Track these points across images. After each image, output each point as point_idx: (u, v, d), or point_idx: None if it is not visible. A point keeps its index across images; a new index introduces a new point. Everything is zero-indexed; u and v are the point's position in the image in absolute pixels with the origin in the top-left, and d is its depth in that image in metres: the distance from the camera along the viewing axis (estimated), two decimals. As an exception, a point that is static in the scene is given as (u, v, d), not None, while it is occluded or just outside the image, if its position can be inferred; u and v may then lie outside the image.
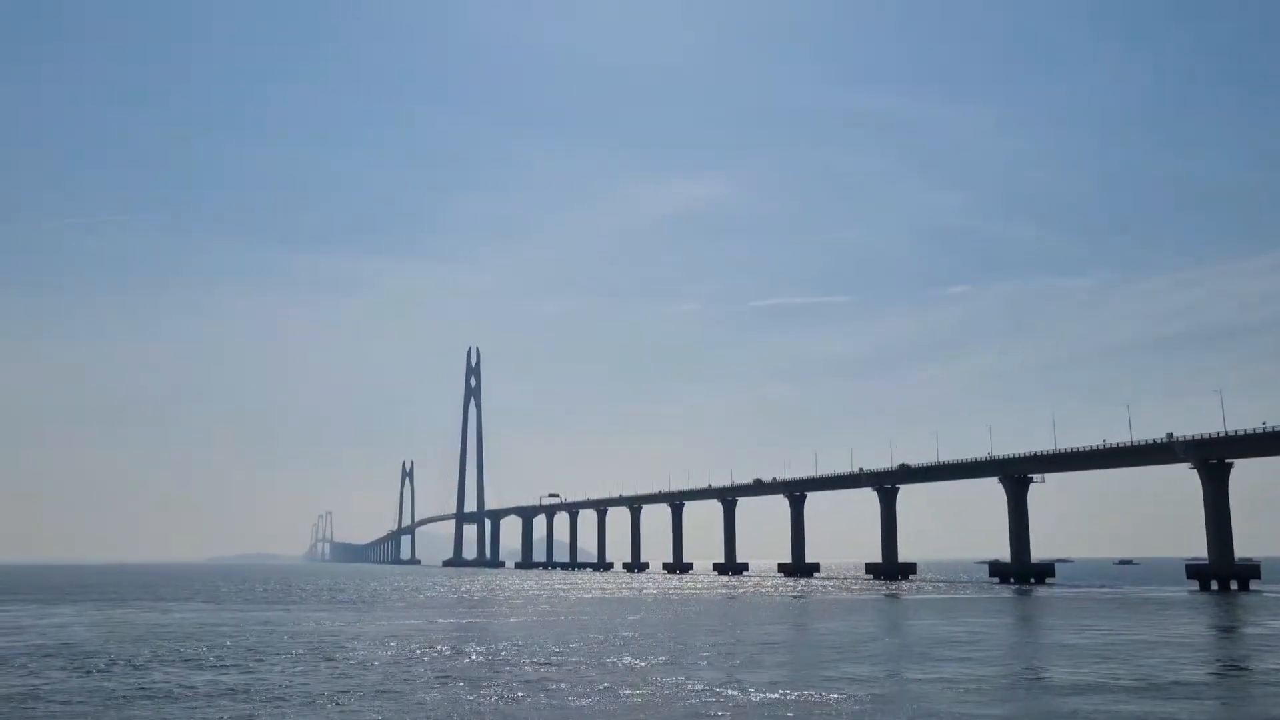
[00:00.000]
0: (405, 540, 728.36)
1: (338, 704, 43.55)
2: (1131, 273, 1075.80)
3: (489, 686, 48.54)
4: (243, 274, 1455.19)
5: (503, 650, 66.64)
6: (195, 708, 42.71)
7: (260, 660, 61.12)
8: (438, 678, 52.13)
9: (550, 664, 58.20)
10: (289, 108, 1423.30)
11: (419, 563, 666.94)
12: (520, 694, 45.92)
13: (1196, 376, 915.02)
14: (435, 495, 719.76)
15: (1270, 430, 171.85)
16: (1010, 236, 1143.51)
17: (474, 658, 62.13)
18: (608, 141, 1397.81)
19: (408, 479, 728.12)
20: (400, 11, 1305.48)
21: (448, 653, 65.23)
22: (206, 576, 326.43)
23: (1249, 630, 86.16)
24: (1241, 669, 57.73)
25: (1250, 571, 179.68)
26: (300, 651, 66.39)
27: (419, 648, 68.78)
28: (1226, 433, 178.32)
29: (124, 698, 45.84)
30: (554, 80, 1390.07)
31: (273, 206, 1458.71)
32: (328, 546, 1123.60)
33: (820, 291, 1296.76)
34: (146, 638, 78.67)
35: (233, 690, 47.87)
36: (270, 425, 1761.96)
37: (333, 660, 60.93)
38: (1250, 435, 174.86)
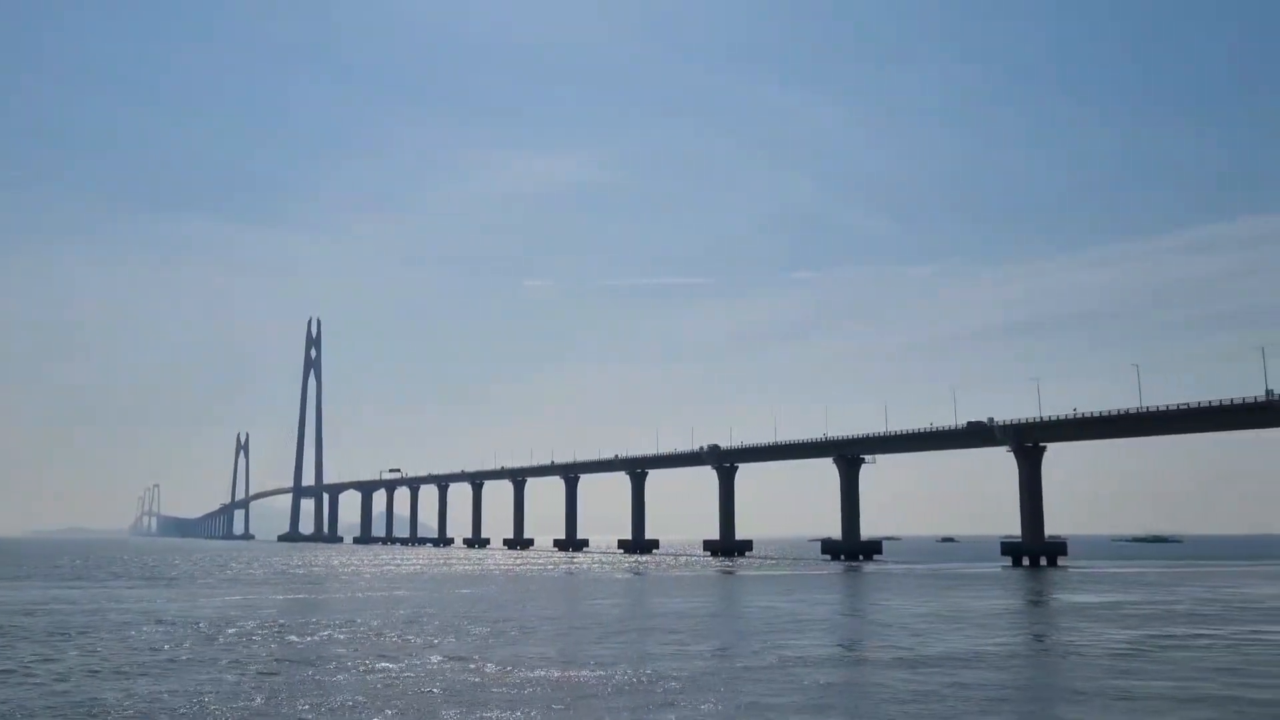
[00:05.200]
0: (239, 514, 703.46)
1: (67, 680, 39.86)
2: (964, 264, 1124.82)
3: (242, 664, 45.48)
4: (87, 236, 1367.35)
5: (290, 627, 63.32)
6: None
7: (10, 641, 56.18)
8: (185, 661, 48.68)
9: (332, 641, 55.34)
10: (152, 70, 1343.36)
11: (253, 538, 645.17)
12: (271, 674, 43.09)
13: (1018, 364, 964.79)
14: (273, 468, 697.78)
15: (1080, 416, 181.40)
16: (856, 224, 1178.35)
17: (248, 636, 58.67)
18: (471, 116, 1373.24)
19: (242, 451, 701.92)
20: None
21: (230, 631, 61.50)
22: (17, 550, 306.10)
23: (1044, 603, 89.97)
24: (1035, 640, 59.55)
25: (1058, 548, 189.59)
26: (54, 633, 61.54)
27: (210, 626, 64.72)
28: (1041, 418, 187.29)
29: None
30: (422, 54, 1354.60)
31: (129, 169, 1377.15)
32: (154, 520, 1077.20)
33: (675, 273, 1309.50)
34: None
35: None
36: (99, 393, 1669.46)
37: (91, 639, 56.51)
38: (1062, 421, 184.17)
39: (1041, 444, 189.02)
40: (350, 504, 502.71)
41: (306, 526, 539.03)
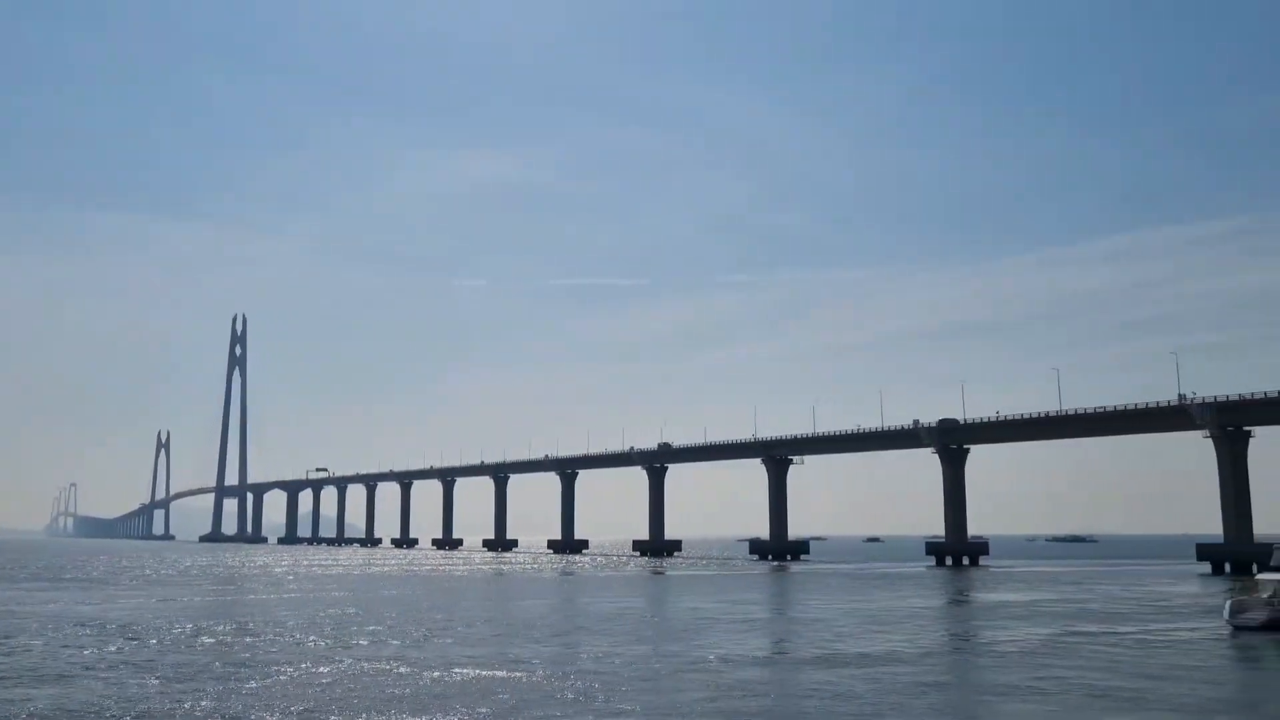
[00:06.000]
0: (159, 515, 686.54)
1: None
2: (896, 268, 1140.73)
3: (164, 667, 44.87)
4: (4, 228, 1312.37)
5: (213, 629, 62.41)
6: None
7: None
8: (106, 664, 47.85)
9: (257, 643, 54.73)
10: (81, 61, 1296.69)
11: (173, 538, 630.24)
12: (194, 677, 42.58)
13: (946, 367, 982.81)
14: (195, 468, 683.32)
15: (1002, 419, 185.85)
16: (792, 227, 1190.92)
17: (170, 638, 57.76)
18: (408, 113, 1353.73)
19: (163, 450, 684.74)
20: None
21: (152, 633, 60.43)
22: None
23: (965, 602, 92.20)
24: (958, 640, 61.15)
25: (980, 548, 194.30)
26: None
27: (131, 629, 63.47)
28: (965, 420, 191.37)
29: None
30: (358, 49, 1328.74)
31: (34, 160, 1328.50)
32: (71, 521, 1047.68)
33: (611, 274, 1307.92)
34: None
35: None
36: (9, 390, 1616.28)
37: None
38: (985, 423, 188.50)
39: (965, 446, 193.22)
40: (275, 504, 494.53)
41: (229, 527, 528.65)
